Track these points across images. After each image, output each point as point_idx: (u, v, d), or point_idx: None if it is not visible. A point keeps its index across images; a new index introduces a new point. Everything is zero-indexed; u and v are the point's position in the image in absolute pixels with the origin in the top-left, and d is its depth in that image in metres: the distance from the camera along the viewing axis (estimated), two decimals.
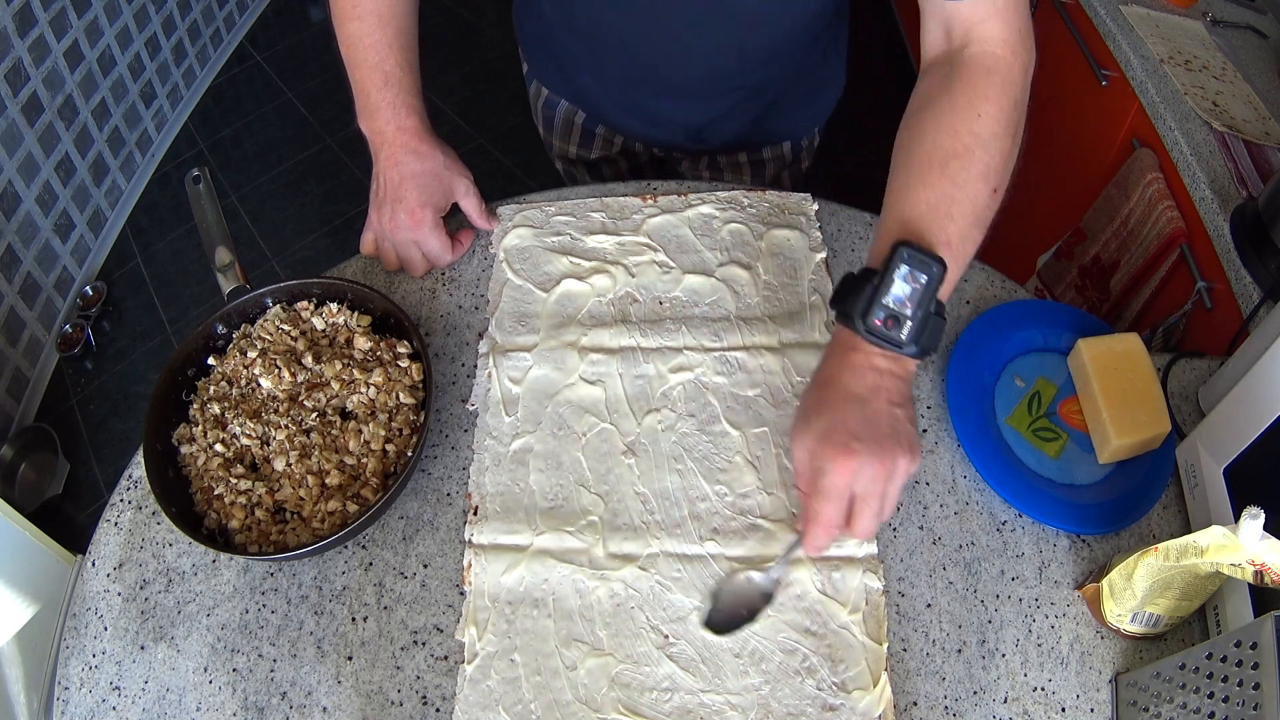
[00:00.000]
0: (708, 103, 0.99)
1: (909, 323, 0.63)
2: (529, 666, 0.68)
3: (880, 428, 0.62)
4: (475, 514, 0.76)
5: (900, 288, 0.63)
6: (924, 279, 0.63)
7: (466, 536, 0.75)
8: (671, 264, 0.90)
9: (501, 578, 0.72)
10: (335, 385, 0.78)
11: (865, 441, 0.61)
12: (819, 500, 0.63)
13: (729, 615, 0.68)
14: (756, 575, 0.70)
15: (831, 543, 0.65)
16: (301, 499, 0.73)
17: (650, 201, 0.95)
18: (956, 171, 0.66)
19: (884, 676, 0.67)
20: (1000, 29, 0.70)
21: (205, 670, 0.70)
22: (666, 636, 0.69)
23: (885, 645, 0.68)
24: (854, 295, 0.65)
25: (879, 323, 0.63)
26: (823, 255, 0.90)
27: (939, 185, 0.66)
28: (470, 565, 0.73)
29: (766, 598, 0.69)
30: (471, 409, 0.82)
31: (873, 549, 0.72)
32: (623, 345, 0.84)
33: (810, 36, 0.93)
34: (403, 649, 0.71)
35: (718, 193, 0.95)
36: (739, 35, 0.88)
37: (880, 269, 0.64)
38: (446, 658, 0.70)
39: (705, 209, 0.93)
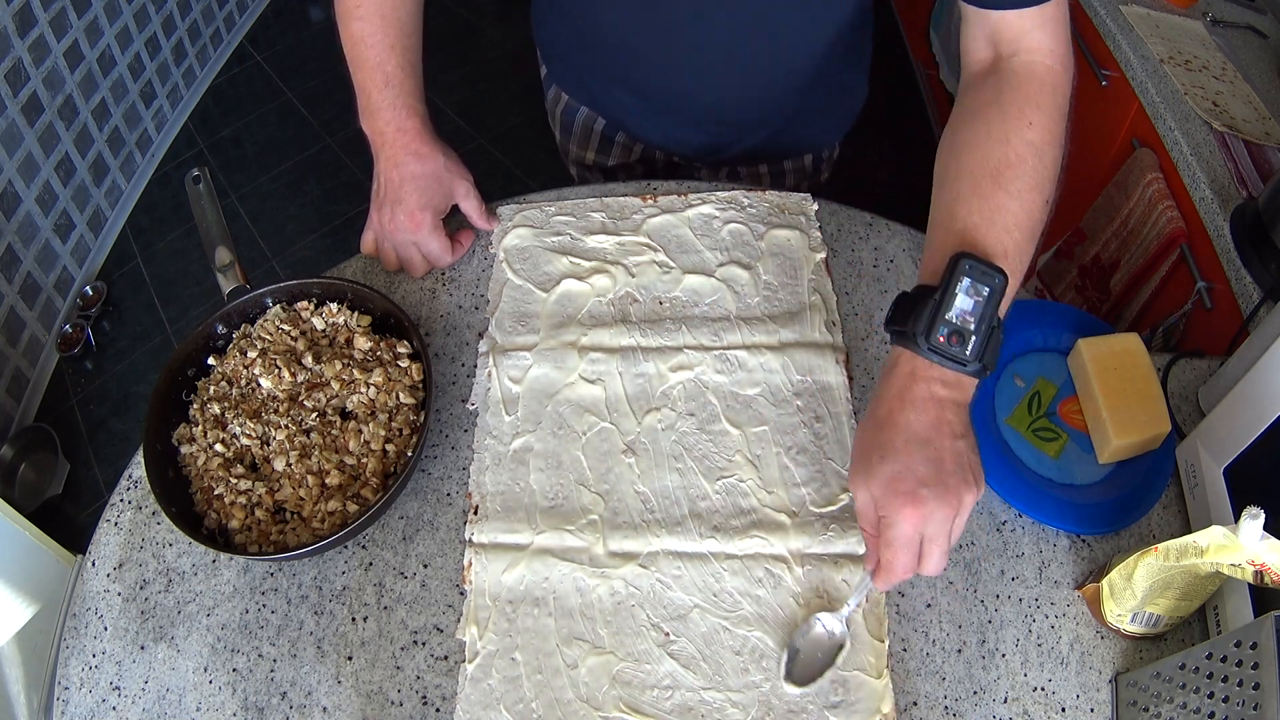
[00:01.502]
0: (736, 117, 0.98)
1: (973, 338, 0.61)
2: (530, 665, 0.68)
3: (945, 468, 0.60)
4: (475, 513, 0.76)
5: (963, 301, 0.61)
6: (986, 291, 0.61)
7: (467, 536, 0.75)
8: (671, 264, 0.90)
9: (502, 576, 0.72)
10: (335, 385, 0.78)
11: (932, 487, 0.59)
12: (889, 551, 0.60)
13: (808, 664, 0.67)
14: (828, 621, 0.68)
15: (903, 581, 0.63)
16: (301, 499, 0.73)
17: (650, 201, 0.95)
18: (1010, 181, 0.64)
19: (886, 673, 0.67)
20: (1049, 40, 0.69)
21: (205, 670, 0.70)
22: (667, 634, 0.69)
23: (886, 642, 0.68)
24: (913, 313, 0.62)
25: (942, 339, 0.61)
26: (823, 255, 0.90)
27: (993, 196, 0.64)
28: (470, 564, 0.73)
29: (840, 644, 0.68)
30: (471, 408, 0.82)
31: None
32: (623, 345, 0.84)
33: (841, 49, 0.93)
34: (403, 649, 0.71)
35: (718, 193, 0.95)
36: (774, 50, 0.88)
37: (940, 283, 0.62)
38: (446, 658, 0.70)
39: (705, 209, 0.93)
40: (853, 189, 1.11)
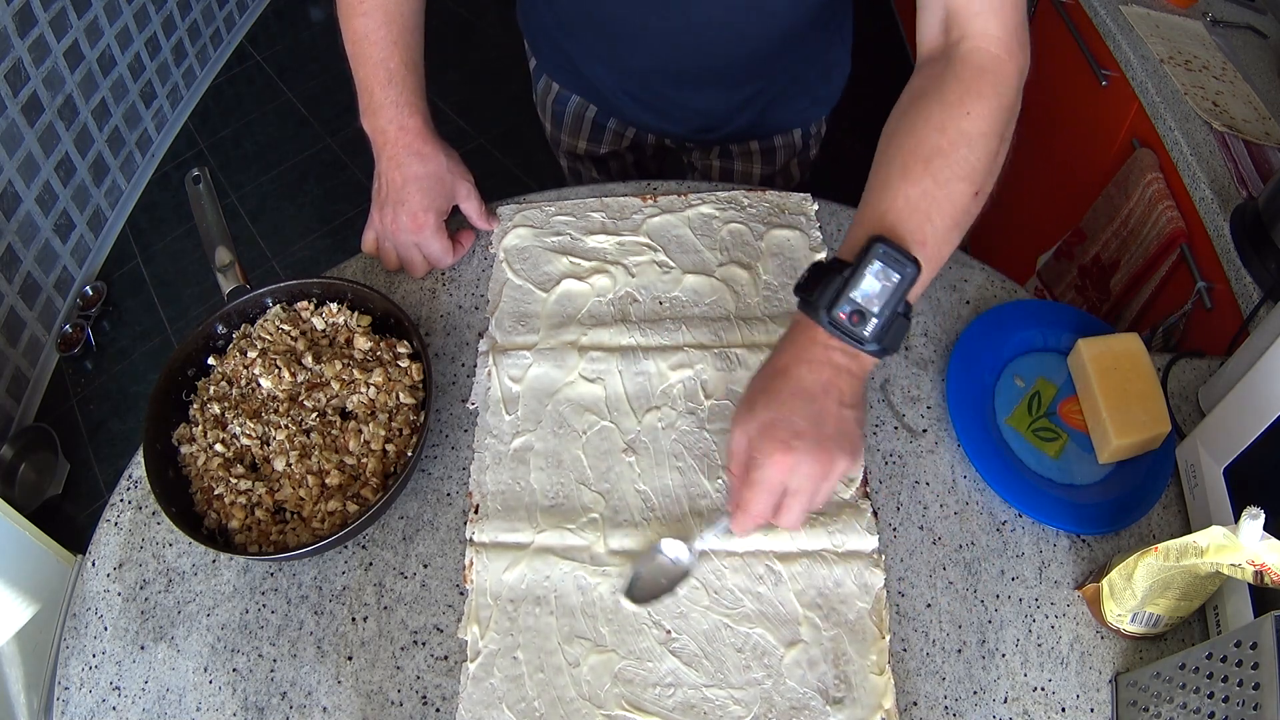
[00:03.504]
0: (723, 92, 0.99)
1: (874, 320, 0.62)
2: (532, 664, 0.68)
3: (825, 428, 0.62)
4: (476, 512, 0.76)
5: (870, 284, 0.62)
6: (896, 278, 0.62)
7: (468, 535, 0.75)
8: (671, 264, 0.90)
9: (503, 575, 0.72)
10: (335, 385, 0.78)
11: (806, 441, 0.61)
12: (750, 491, 0.63)
13: (649, 586, 0.70)
14: (675, 548, 0.71)
15: (757, 529, 0.66)
16: (301, 499, 0.73)
17: (650, 201, 0.95)
18: (940, 169, 0.64)
19: (887, 670, 0.67)
20: (996, 26, 0.68)
21: (205, 670, 0.70)
22: (669, 632, 0.69)
23: (887, 638, 0.68)
24: (822, 285, 0.63)
25: (843, 316, 0.62)
26: (823, 255, 0.90)
27: (921, 182, 0.64)
28: (471, 564, 0.73)
29: (685, 572, 0.71)
30: (472, 408, 0.82)
31: (874, 542, 0.72)
32: (623, 344, 0.84)
33: (821, 22, 0.93)
34: (403, 649, 0.71)
35: (718, 193, 0.95)
36: (755, 21, 0.88)
37: (853, 262, 0.63)
38: (446, 658, 0.70)
39: (705, 209, 0.93)
40: (853, 189, 1.11)
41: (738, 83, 0.98)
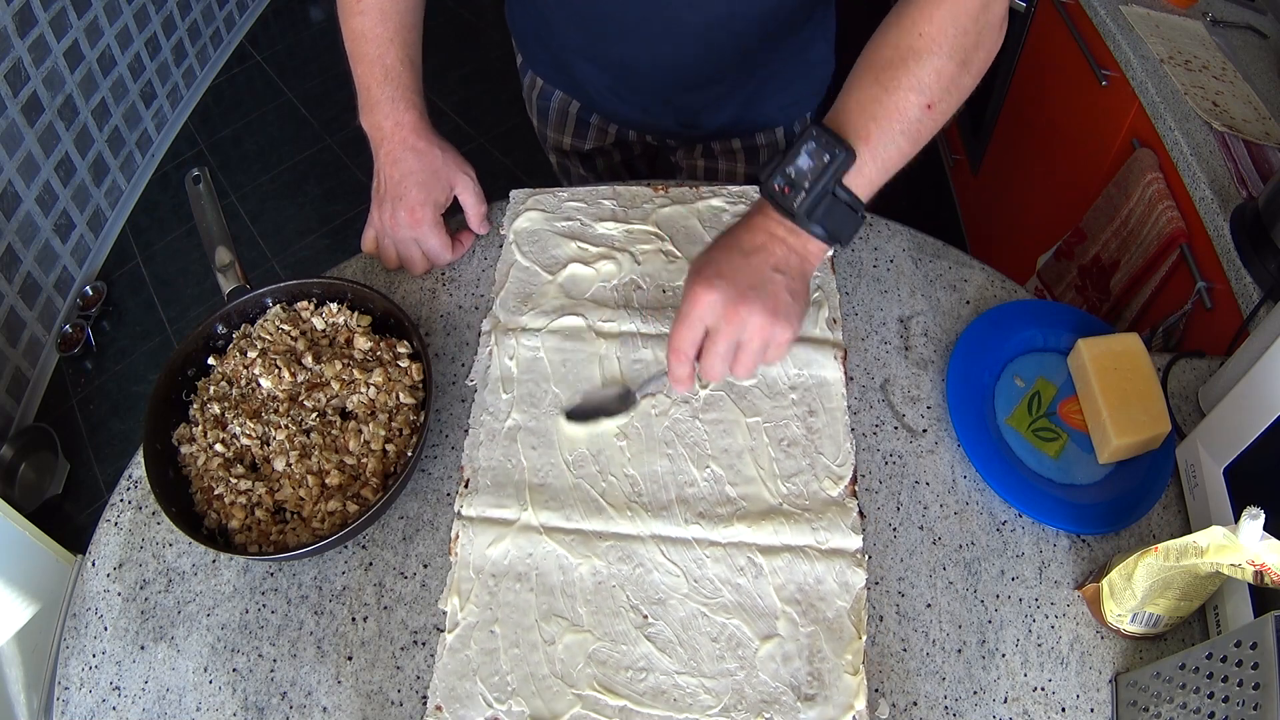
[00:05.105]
0: (701, 86, 0.99)
1: (803, 194, 0.67)
2: (508, 639, 0.69)
3: (748, 278, 0.67)
4: (466, 487, 0.76)
5: (804, 160, 0.68)
6: (827, 158, 0.67)
7: (456, 509, 0.75)
8: (678, 253, 0.90)
9: (487, 550, 0.73)
10: (335, 385, 0.78)
11: (727, 281, 0.67)
12: (675, 325, 0.68)
13: (587, 413, 0.79)
14: (621, 393, 0.80)
15: (689, 376, 0.70)
16: (301, 499, 0.73)
17: (661, 192, 0.95)
18: (888, 80, 0.70)
19: (861, 670, 0.67)
20: None
21: (205, 670, 0.70)
22: (646, 616, 0.69)
23: (863, 639, 0.68)
24: (770, 163, 0.70)
25: (777, 188, 0.68)
26: (830, 253, 0.90)
27: (869, 89, 0.70)
28: (457, 537, 0.74)
29: (625, 402, 0.79)
30: (470, 384, 0.83)
31: (858, 542, 0.72)
32: (623, 330, 0.85)
33: (800, 17, 0.93)
34: (403, 649, 0.71)
35: (730, 187, 0.95)
36: (737, 19, 0.88)
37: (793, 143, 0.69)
38: None
39: (716, 201, 0.94)
40: None
41: (717, 78, 0.98)
